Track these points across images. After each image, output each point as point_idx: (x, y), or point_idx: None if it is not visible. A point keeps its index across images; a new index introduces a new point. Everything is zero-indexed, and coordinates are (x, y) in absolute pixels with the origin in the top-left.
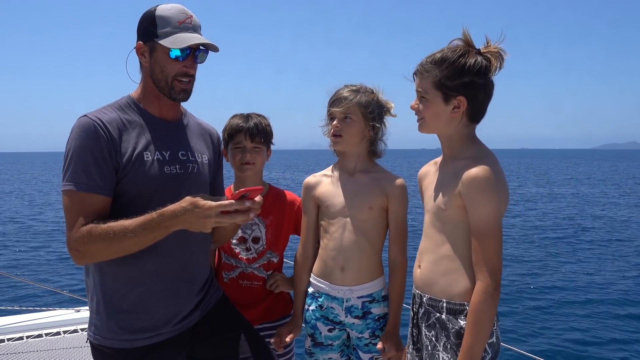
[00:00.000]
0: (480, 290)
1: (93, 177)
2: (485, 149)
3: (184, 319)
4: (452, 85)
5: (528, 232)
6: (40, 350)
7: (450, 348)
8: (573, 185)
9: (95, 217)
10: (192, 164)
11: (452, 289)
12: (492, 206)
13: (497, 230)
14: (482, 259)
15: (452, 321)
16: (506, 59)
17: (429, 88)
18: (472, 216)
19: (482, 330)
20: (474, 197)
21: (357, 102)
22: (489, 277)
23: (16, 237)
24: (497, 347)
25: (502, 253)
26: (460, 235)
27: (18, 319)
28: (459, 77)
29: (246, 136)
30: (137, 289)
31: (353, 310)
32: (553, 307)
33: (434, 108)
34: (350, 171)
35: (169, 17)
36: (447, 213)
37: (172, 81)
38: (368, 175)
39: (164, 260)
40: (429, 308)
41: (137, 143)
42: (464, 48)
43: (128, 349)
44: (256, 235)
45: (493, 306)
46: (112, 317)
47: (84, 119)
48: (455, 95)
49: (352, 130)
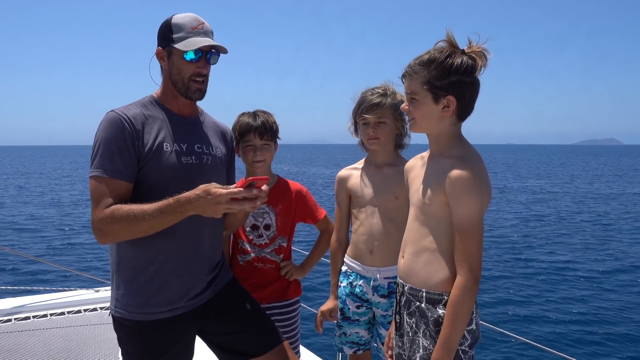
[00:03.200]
0: (460, 285)
1: (117, 164)
2: (470, 148)
3: (196, 296)
4: (441, 85)
5: (508, 222)
6: (62, 327)
7: (429, 335)
8: (546, 178)
9: (118, 200)
10: (207, 155)
11: (431, 280)
12: (474, 206)
13: (478, 228)
14: (463, 255)
15: (431, 310)
16: (489, 58)
17: (419, 89)
18: (455, 214)
19: (459, 322)
20: (458, 196)
21: (389, 106)
22: (469, 272)
23: (49, 225)
24: (477, 334)
25: (482, 249)
26: (443, 229)
27: (42, 298)
28: (447, 77)
29: (255, 135)
30: (153, 266)
31: (380, 289)
32: (534, 290)
33: (424, 108)
34: (378, 165)
35: (183, 24)
36: (431, 208)
37: (188, 81)
38: (394, 168)
39: (179, 241)
40: (409, 297)
41: (158, 135)
42: (450, 49)
43: (145, 321)
44: (267, 222)
45: (471, 299)
46: (131, 292)
47: (111, 113)
48: (444, 95)
49: (386, 132)
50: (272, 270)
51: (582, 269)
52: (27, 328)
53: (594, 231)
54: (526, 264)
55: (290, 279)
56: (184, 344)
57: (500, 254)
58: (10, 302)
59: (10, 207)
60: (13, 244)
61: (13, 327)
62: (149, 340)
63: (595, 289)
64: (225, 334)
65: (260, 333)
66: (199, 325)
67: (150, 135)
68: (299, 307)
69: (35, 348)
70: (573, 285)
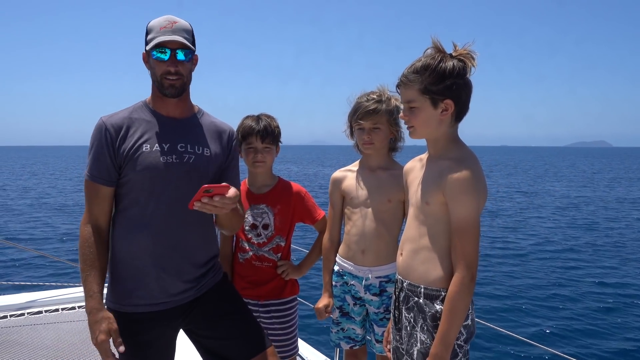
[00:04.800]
0: (457, 281)
1: (98, 169)
2: (467, 150)
3: (178, 294)
4: (438, 90)
5: (501, 220)
6: (73, 321)
7: (427, 329)
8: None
9: (98, 200)
10: (190, 154)
11: (429, 276)
12: (471, 206)
13: (475, 227)
14: (461, 253)
15: (429, 305)
16: (477, 58)
17: (416, 96)
18: (453, 213)
19: (457, 317)
20: (456, 197)
21: (384, 112)
22: (466, 269)
23: (61, 223)
24: (472, 329)
25: (479, 248)
26: (441, 228)
27: (54, 293)
28: (443, 81)
29: (257, 138)
30: (134, 261)
31: (371, 288)
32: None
33: (423, 114)
34: (372, 168)
35: (154, 25)
36: (430, 208)
37: (161, 79)
38: (388, 172)
39: (154, 238)
40: (408, 292)
41: (140, 137)
42: (439, 54)
43: (129, 313)
44: (266, 222)
45: (468, 296)
46: (116, 285)
47: (98, 121)
48: (442, 99)
49: (380, 138)
50: (270, 269)
51: (577, 267)
52: (39, 322)
53: (588, 229)
54: (520, 262)
55: (286, 278)
56: (165, 339)
57: (494, 251)
58: (23, 297)
59: (23, 206)
60: (27, 242)
61: (26, 321)
62: (132, 332)
63: (588, 285)
64: (210, 338)
65: (245, 339)
66: (186, 324)
67: (132, 138)
68: (297, 304)
69: (46, 341)
70: (567, 283)
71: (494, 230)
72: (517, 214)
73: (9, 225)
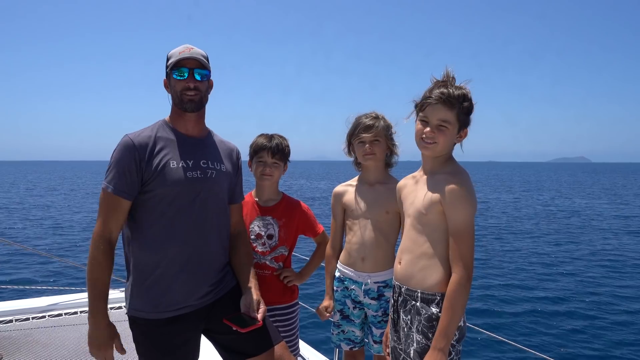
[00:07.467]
0: (455, 281)
1: (122, 184)
2: (458, 165)
3: (200, 297)
4: (465, 120)
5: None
6: None
7: (421, 330)
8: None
9: (116, 213)
10: (212, 170)
11: (426, 282)
12: (467, 212)
13: (471, 231)
14: (458, 255)
15: (425, 308)
16: None
17: (453, 119)
18: (451, 220)
19: (456, 314)
20: (454, 205)
21: (382, 127)
22: (463, 270)
23: (80, 231)
24: (464, 331)
25: (475, 251)
26: (438, 236)
27: (73, 297)
28: (469, 113)
29: (268, 153)
30: (158, 270)
31: (370, 292)
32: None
33: (449, 135)
34: (371, 182)
35: (174, 52)
36: (427, 217)
37: (181, 95)
38: (385, 186)
39: (182, 248)
40: (406, 297)
41: (166, 155)
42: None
43: (154, 319)
44: (270, 233)
45: (465, 294)
46: (140, 293)
47: (125, 138)
48: (464, 128)
49: (380, 149)
50: (271, 276)
51: (566, 272)
52: (59, 324)
53: (578, 234)
54: (510, 267)
55: (289, 285)
56: (191, 342)
57: (485, 258)
58: (44, 301)
59: (44, 216)
60: (50, 249)
61: (47, 323)
62: (158, 338)
63: (579, 290)
64: (228, 335)
65: (260, 334)
66: (205, 324)
67: (159, 155)
68: (298, 308)
69: (66, 342)
70: (557, 287)
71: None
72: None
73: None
